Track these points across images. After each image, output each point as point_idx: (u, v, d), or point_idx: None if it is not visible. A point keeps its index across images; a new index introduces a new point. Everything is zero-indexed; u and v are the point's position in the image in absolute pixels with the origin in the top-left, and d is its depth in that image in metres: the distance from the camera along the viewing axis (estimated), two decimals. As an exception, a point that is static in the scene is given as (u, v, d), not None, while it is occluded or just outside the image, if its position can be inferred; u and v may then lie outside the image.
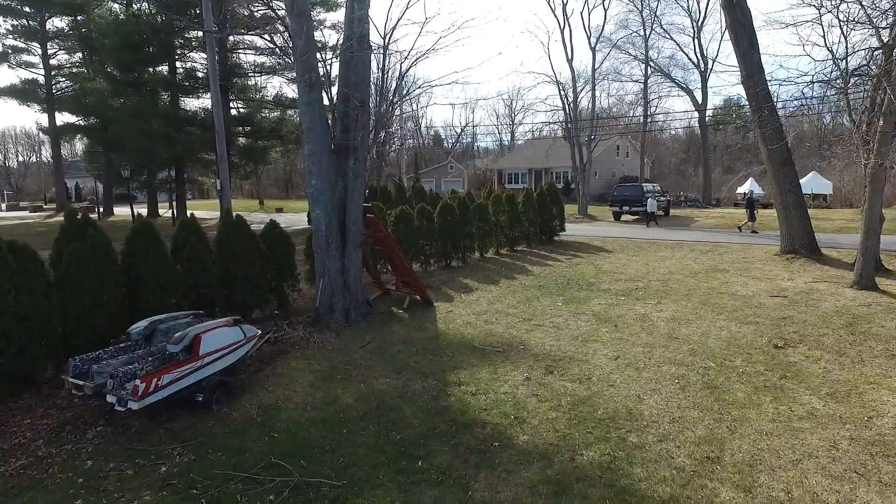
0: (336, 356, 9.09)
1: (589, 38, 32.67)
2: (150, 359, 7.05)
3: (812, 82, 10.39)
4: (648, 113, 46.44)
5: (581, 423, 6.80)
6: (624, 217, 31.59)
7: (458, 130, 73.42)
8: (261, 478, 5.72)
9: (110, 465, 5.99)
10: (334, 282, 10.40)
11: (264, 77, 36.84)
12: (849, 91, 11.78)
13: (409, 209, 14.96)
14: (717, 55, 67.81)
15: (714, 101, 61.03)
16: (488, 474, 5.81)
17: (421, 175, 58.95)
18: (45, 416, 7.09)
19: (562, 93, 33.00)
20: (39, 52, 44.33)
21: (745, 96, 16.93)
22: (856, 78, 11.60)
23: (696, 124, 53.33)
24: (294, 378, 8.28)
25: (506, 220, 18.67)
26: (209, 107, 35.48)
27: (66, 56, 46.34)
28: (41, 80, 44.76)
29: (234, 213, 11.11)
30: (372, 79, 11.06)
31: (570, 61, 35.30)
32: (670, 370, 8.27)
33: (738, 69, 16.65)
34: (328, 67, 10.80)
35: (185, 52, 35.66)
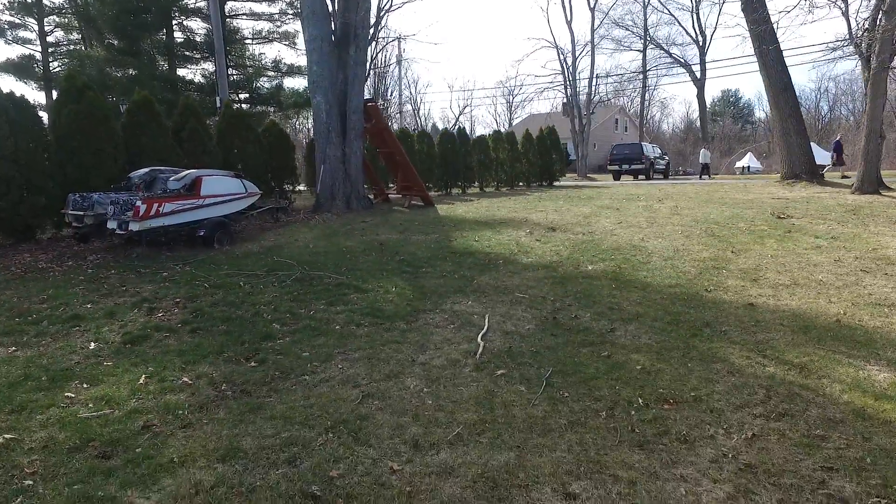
0: (338, 226, 9.05)
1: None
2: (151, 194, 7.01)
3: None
4: (647, 88, 46.24)
5: (585, 252, 6.77)
6: (624, 178, 31.52)
7: (456, 115, 73.22)
8: (264, 275, 5.69)
9: (111, 272, 5.95)
10: (335, 169, 10.34)
11: (262, 43, 36.72)
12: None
13: (409, 131, 14.89)
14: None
15: (712, 93, 60.97)
16: (492, 275, 5.78)
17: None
18: (45, 253, 7.04)
19: (561, 57, 32.72)
20: (36, 28, 44.13)
21: (746, 25, 16.81)
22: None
23: (695, 111, 53.16)
24: (297, 233, 8.24)
25: (506, 157, 18.56)
26: (207, 74, 35.72)
27: (63, 33, 46.21)
28: (38, 56, 44.61)
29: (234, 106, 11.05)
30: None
31: (569, 23, 34.83)
32: (674, 228, 8.24)
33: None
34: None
35: (182, 19, 35.54)
